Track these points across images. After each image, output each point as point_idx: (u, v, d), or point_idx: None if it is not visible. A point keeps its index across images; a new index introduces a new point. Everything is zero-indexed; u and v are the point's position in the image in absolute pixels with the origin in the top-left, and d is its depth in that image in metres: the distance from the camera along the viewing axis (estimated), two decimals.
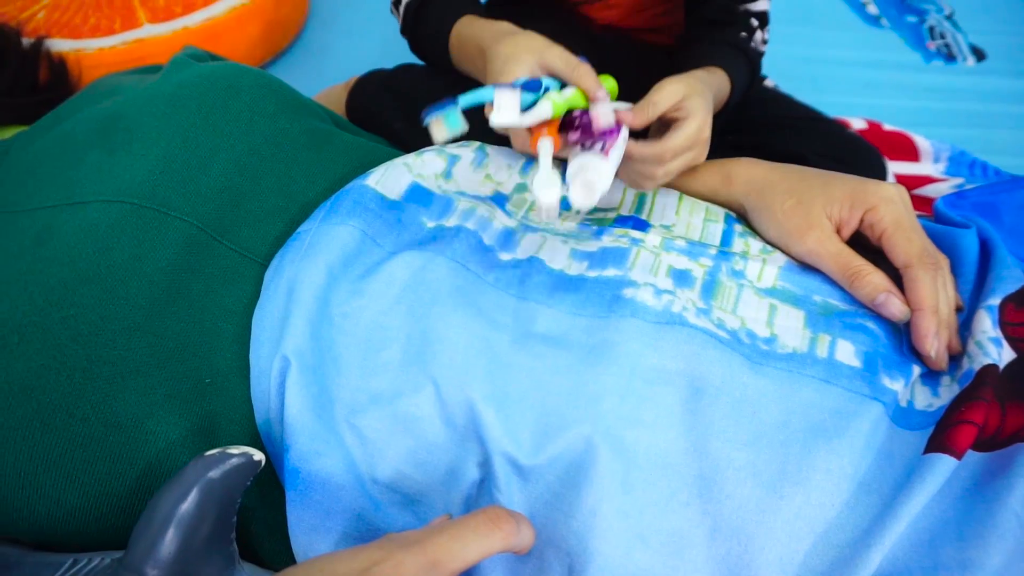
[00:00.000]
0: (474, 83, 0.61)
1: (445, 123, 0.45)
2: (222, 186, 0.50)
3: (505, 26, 0.58)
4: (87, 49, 1.03)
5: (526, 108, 0.49)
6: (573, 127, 0.51)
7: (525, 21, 0.76)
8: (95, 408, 0.41)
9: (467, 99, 0.46)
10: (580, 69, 0.51)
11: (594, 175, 0.46)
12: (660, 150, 0.52)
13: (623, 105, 0.54)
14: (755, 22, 0.66)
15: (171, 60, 0.59)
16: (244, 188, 0.51)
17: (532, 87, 0.49)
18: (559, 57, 0.52)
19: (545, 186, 0.45)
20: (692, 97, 0.52)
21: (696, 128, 0.52)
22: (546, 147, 0.48)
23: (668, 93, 0.52)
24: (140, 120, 0.52)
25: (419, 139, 0.62)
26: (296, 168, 0.53)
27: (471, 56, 0.59)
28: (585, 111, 0.51)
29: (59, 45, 1.02)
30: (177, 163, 0.50)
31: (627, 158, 0.52)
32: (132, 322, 0.44)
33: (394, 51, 0.92)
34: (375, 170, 0.54)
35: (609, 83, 0.57)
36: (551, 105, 0.48)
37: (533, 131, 0.50)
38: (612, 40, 0.81)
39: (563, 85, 0.52)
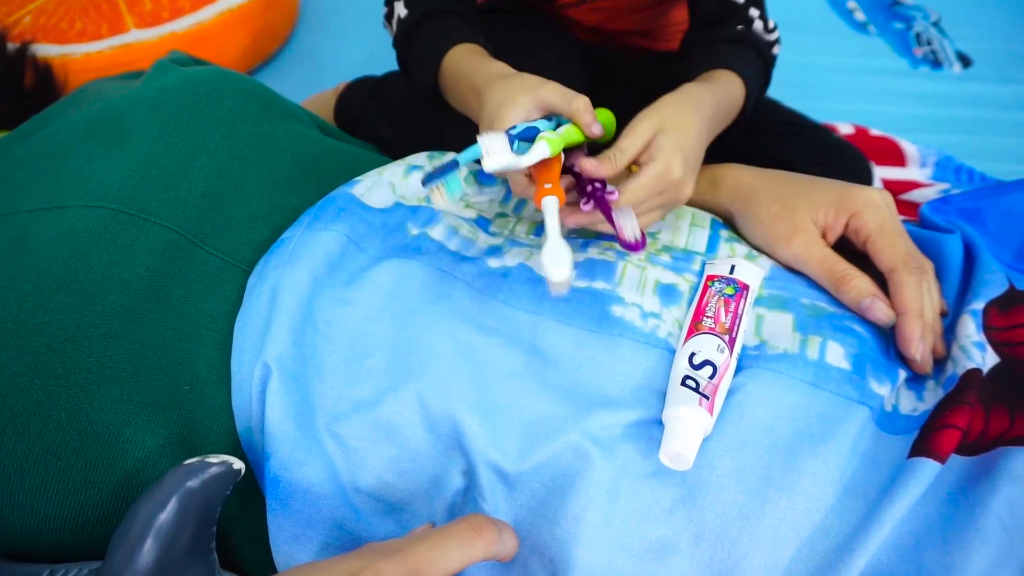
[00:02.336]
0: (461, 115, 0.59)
1: (446, 190, 0.43)
2: (203, 191, 0.50)
3: (500, 68, 0.54)
4: (73, 54, 1.03)
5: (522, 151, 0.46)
6: (585, 195, 0.47)
7: (512, 29, 0.77)
8: (70, 416, 0.41)
9: (465, 157, 0.44)
10: (576, 102, 0.48)
11: None
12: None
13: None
14: (753, 11, 0.63)
15: (154, 65, 0.59)
16: (226, 193, 0.50)
17: (527, 135, 0.46)
18: (554, 91, 0.49)
19: (555, 262, 0.40)
20: (661, 135, 0.48)
21: (655, 174, 0.47)
22: (551, 207, 0.44)
23: (637, 135, 0.48)
24: (120, 125, 0.51)
25: (407, 146, 0.61)
26: (279, 173, 0.53)
27: (463, 92, 0.57)
28: (602, 186, 0.47)
29: (45, 50, 1.02)
30: (157, 168, 0.49)
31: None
32: (109, 329, 0.43)
33: (384, 57, 0.91)
34: (360, 180, 0.53)
35: (605, 116, 0.54)
36: (547, 144, 0.45)
37: (535, 178, 0.46)
38: (600, 48, 0.81)
39: (559, 124, 0.50)
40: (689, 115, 0.50)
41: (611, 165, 0.47)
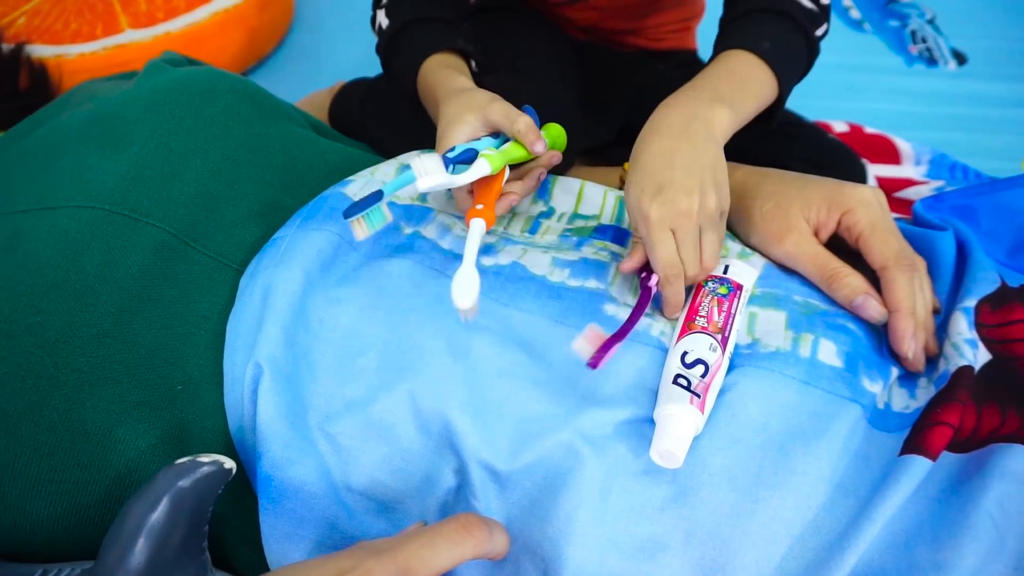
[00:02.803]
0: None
1: (367, 222, 0.44)
2: (196, 191, 0.50)
3: (458, 82, 0.55)
4: (68, 55, 1.03)
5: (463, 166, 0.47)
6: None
7: (507, 27, 0.77)
8: (62, 416, 0.41)
9: (391, 188, 0.45)
10: (518, 124, 0.48)
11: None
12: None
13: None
14: None
15: (146, 65, 0.59)
16: (219, 193, 0.50)
17: (466, 157, 0.47)
18: (499, 111, 0.49)
19: (463, 290, 0.41)
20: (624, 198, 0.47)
21: (643, 235, 0.45)
22: (476, 229, 0.45)
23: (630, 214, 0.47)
24: (113, 126, 0.51)
25: (400, 147, 0.61)
26: (272, 173, 0.53)
27: (430, 106, 0.58)
28: (648, 275, 0.47)
29: (40, 51, 1.01)
30: (150, 169, 0.49)
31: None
32: (101, 329, 0.43)
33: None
34: (353, 180, 0.53)
35: (555, 131, 0.55)
36: (487, 161, 0.46)
37: (474, 197, 0.47)
38: (593, 46, 0.81)
39: (506, 140, 0.51)
40: (650, 143, 0.48)
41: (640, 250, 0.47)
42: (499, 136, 0.51)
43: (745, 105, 0.52)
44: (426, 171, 0.45)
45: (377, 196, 0.45)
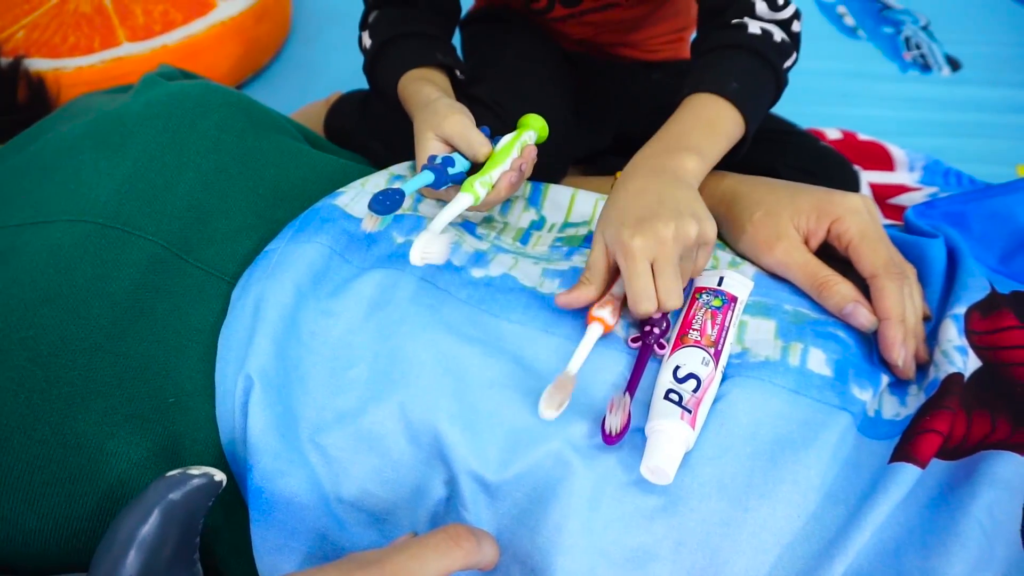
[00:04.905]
0: None
1: (381, 219, 0.50)
2: (188, 205, 0.50)
3: (423, 95, 0.57)
4: (66, 68, 1.03)
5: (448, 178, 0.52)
6: (640, 333, 0.46)
7: (502, 38, 0.77)
8: (54, 429, 0.41)
9: (411, 187, 0.49)
10: (471, 138, 0.53)
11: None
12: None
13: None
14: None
15: (142, 79, 0.60)
16: (211, 206, 0.51)
17: (446, 163, 0.52)
18: (452, 127, 0.53)
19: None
20: (598, 232, 0.47)
21: (621, 263, 0.44)
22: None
23: (593, 254, 0.46)
24: (107, 140, 0.52)
25: (395, 159, 0.62)
26: (264, 186, 0.53)
27: (410, 119, 0.60)
28: (660, 332, 0.45)
29: (38, 64, 1.02)
30: (143, 182, 0.50)
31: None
32: (93, 342, 0.43)
33: None
34: (344, 191, 0.54)
35: (537, 122, 0.58)
36: (471, 196, 0.50)
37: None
38: (588, 57, 0.82)
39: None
40: (626, 184, 0.48)
41: (589, 288, 0.45)
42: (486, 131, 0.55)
43: (713, 149, 0.53)
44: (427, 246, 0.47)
45: (399, 196, 0.47)
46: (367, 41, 0.65)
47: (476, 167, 0.54)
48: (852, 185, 0.78)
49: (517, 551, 0.40)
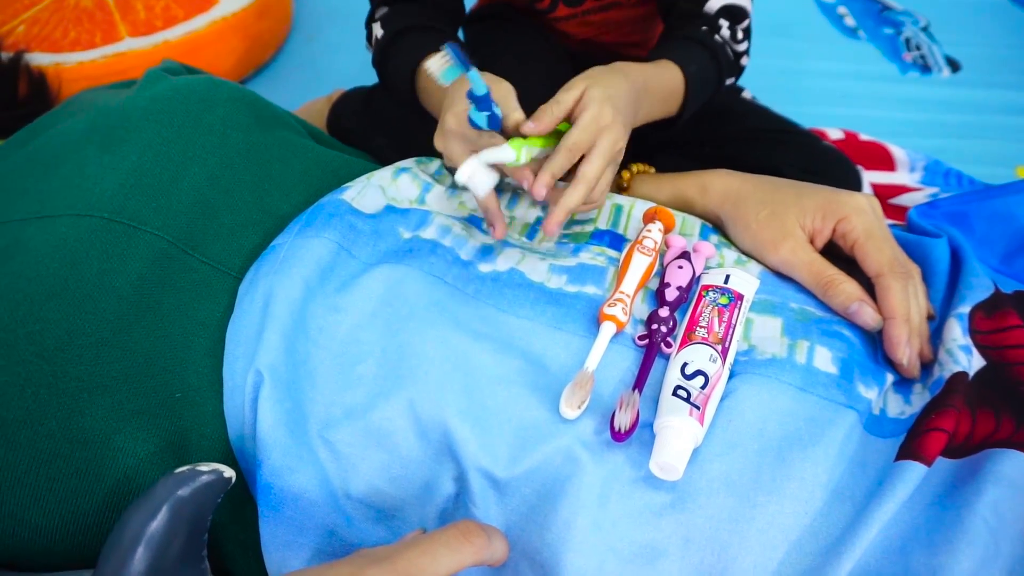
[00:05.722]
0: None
1: (447, 69, 0.43)
2: (194, 199, 0.50)
3: None
4: (67, 63, 1.03)
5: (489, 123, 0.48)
6: (646, 331, 0.46)
7: (505, 36, 0.77)
8: (61, 424, 0.41)
9: (476, 80, 0.45)
10: (511, 117, 0.50)
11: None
12: (561, 155, 0.48)
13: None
14: (723, 21, 0.65)
15: (145, 74, 0.59)
16: (217, 201, 0.51)
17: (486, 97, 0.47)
18: (498, 90, 0.51)
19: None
20: (590, 88, 0.50)
21: (590, 119, 0.49)
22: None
23: (571, 89, 0.50)
24: (112, 134, 0.52)
25: (399, 155, 0.62)
26: (270, 181, 0.53)
27: (434, 102, 0.59)
28: (667, 331, 0.46)
29: (39, 59, 1.02)
30: (148, 177, 0.49)
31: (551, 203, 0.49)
32: (100, 337, 0.43)
33: None
34: (351, 186, 0.54)
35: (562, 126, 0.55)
36: (511, 149, 0.46)
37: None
38: (591, 57, 0.82)
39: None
40: (616, 77, 0.53)
41: (550, 116, 0.49)
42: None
43: (652, 110, 0.59)
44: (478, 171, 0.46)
45: (467, 64, 0.44)
46: (378, 31, 0.65)
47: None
48: (855, 185, 0.78)
49: (526, 547, 0.40)
